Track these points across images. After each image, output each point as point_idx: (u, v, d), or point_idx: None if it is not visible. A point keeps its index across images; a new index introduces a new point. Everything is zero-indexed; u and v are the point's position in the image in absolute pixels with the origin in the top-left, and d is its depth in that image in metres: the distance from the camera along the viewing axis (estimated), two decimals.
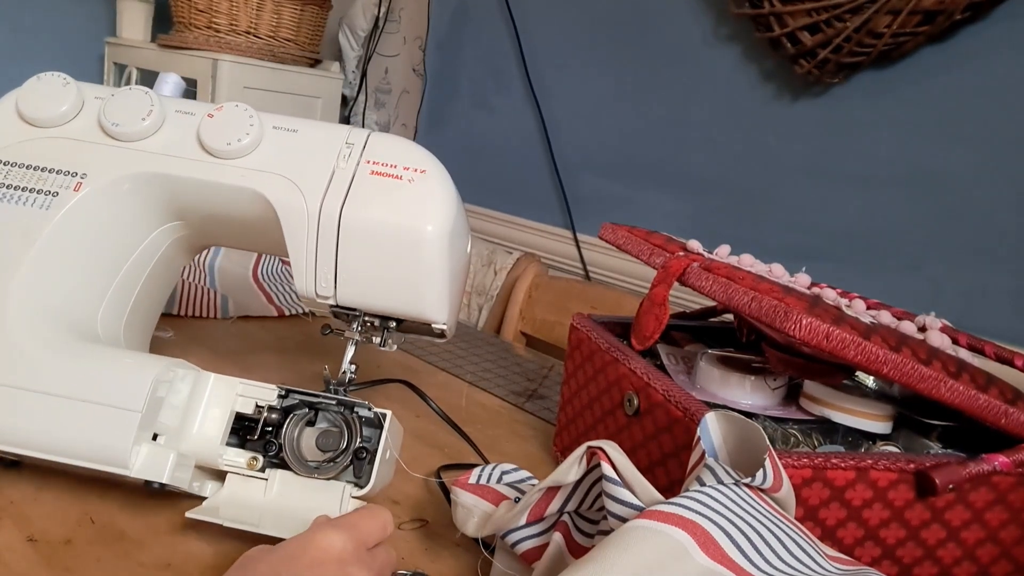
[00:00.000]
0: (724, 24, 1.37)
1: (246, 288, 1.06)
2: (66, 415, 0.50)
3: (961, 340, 0.62)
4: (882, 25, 1.11)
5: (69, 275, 0.58)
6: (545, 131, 1.67)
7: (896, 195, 1.19)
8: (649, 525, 0.37)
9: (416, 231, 0.58)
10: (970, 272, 1.12)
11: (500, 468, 0.54)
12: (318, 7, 1.64)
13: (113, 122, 0.60)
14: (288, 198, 0.59)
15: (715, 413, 0.45)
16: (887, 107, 1.19)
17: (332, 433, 0.55)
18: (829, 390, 0.58)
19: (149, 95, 0.61)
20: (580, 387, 0.69)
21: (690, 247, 0.67)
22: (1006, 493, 0.50)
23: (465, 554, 0.56)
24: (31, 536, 0.50)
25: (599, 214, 1.57)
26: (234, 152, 0.60)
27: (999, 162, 1.09)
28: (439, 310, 0.61)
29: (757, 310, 0.52)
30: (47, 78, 0.61)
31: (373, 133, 0.63)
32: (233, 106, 0.61)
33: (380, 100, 1.92)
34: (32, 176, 0.59)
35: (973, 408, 0.50)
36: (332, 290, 0.60)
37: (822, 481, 0.47)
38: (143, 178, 0.60)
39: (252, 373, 0.83)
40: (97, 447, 0.50)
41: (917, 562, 0.50)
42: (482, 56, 1.81)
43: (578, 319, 0.72)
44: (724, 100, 1.39)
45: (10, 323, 0.53)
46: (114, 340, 0.61)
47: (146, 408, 0.50)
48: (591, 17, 1.58)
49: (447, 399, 0.82)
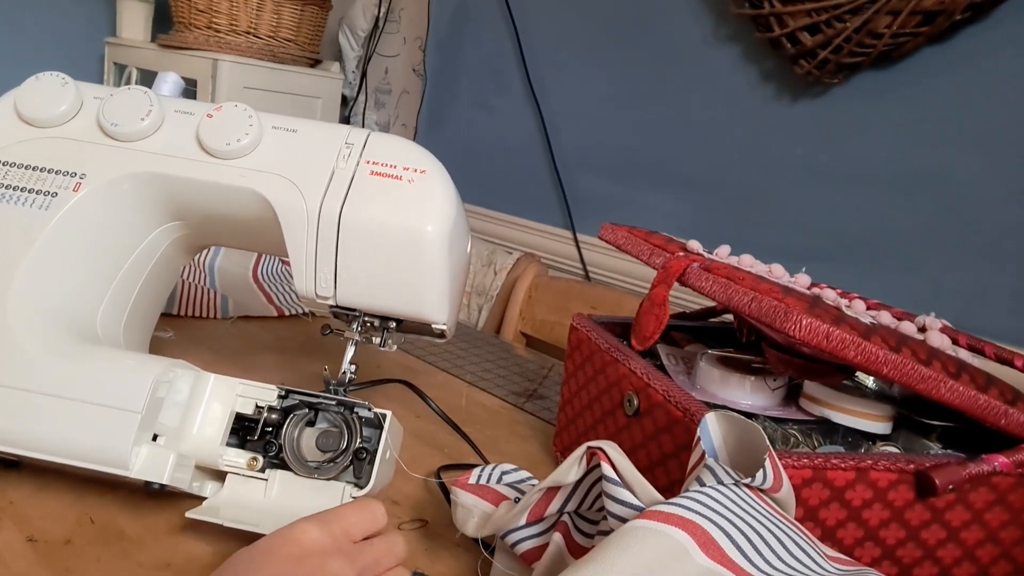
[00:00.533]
0: (724, 24, 1.37)
1: (246, 288, 1.06)
2: (66, 416, 0.50)
3: (961, 340, 0.62)
4: (882, 25, 1.11)
5: (68, 275, 0.58)
6: (545, 131, 1.67)
7: (896, 195, 1.19)
8: (649, 525, 0.37)
9: (416, 231, 0.58)
10: (970, 272, 1.12)
11: (500, 468, 0.54)
12: (318, 7, 1.64)
13: (112, 122, 0.60)
14: (288, 198, 0.59)
15: (715, 413, 0.45)
16: (887, 107, 1.19)
17: (332, 433, 0.55)
18: (829, 390, 0.58)
19: (148, 95, 0.61)
20: (580, 387, 0.69)
21: (690, 247, 0.68)
22: (1006, 493, 0.50)
23: (465, 554, 0.56)
24: (31, 536, 0.50)
25: (599, 214, 1.57)
26: (233, 152, 0.60)
27: (999, 162, 1.09)
28: (439, 310, 0.61)
29: (757, 310, 0.52)
30: (46, 78, 0.61)
31: (373, 133, 0.63)
32: (232, 106, 0.61)
33: (380, 100, 1.92)
34: (31, 176, 0.58)
35: (973, 408, 0.50)
36: (332, 290, 0.60)
37: (822, 481, 0.47)
38: (142, 178, 0.60)
39: (252, 373, 0.83)
40: (97, 448, 0.50)
41: (917, 562, 0.50)
42: (482, 56, 1.81)
43: (578, 319, 0.72)
44: (724, 100, 1.39)
45: (10, 324, 0.53)
46: (114, 340, 0.61)
47: (146, 409, 0.50)
48: (591, 17, 1.58)
49: (447, 399, 0.82)
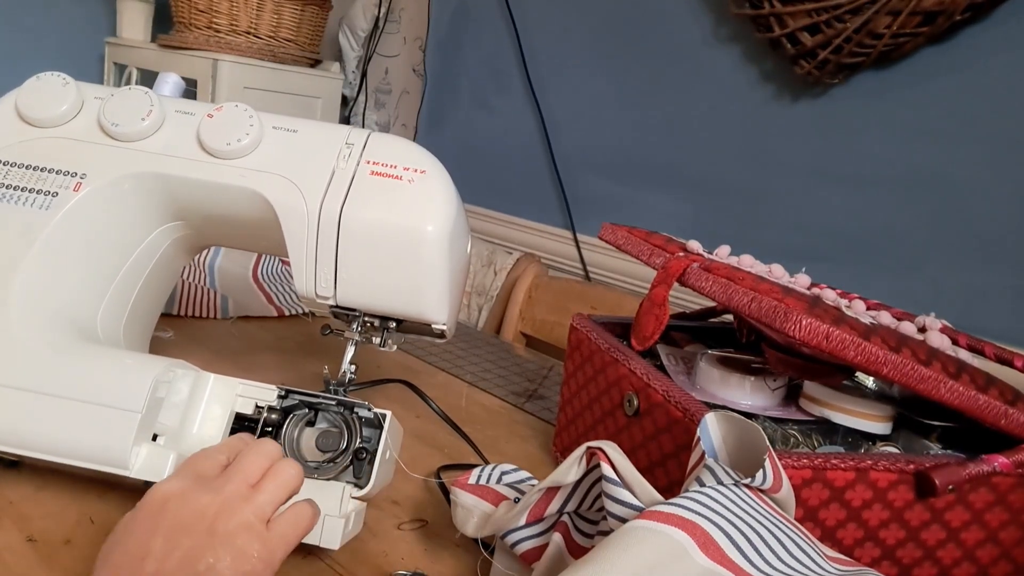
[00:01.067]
0: (724, 24, 1.37)
1: (246, 288, 1.06)
2: (66, 416, 0.50)
3: (961, 341, 0.62)
4: (882, 26, 1.11)
5: (69, 275, 0.58)
6: (545, 131, 1.66)
7: (896, 195, 1.19)
8: (649, 525, 0.37)
9: (416, 232, 0.58)
10: (970, 272, 1.12)
11: (500, 468, 0.54)
12: (318, 7, 1.64)
13: (113, 122, 0.60)
14: (288, 198, 0.59)
15: (715, 414, 0.45)
16: (887, 108, 1.19)
17: (332, 433, 0.55)
18: (829, 391, 0.58)
19: (149, 95, 0.61)
20: (580, 387, 0.69)
21: (690, 247, 0.68)
22: (1006, 494, 0.50)
23: (465, 554, 0.56)
24: (31, 536, 0.50)
25: (599, 214, 1.57)
26: (234, 152, 0.60)
27: (999, 162, 1.09)
28: (439, 311, 0.61)
29: (757, 310, 0.52)
30: (47, 78, 0.61)
31: (373, 133, 0.63)
32: (233, 106, 0.61)
33: (380, 100, 1.92)
34: (32, 176, 0.58)
35: (973, 409, 0.50)
36: (332, 291, 0.60)
37: (822, 482, 0.47)
38: (143, 178, 0.60)
39: (252, 373, 0.83)
40: (97, 448, 0.50)
41: (917, 563, 0.50)
42: (482, 56, 1.81)
43: (578, 319, 0.72)
44: (724, 101, 1.39)
45: (10, 323, 0.53)
46: (114, 340, 0.61)
47: (146, 409, 0.50)
48: (591, 17, 1.58)
49: (447, 399, 0.82)
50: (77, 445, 0.50)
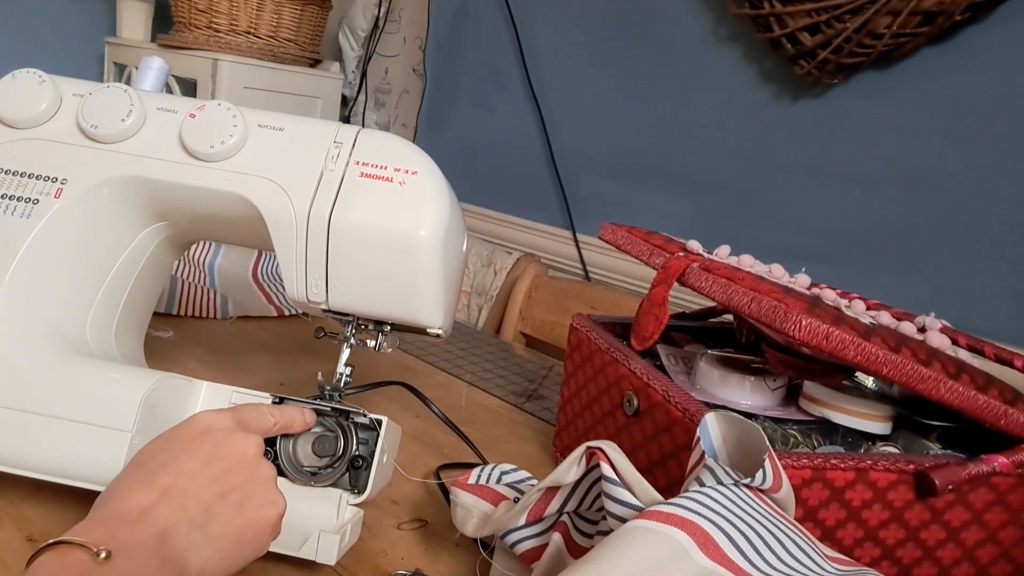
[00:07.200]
0: (724, 24, 1.37)
1: (246, 288, 1.06)
2: (56, 435, 0.50)
3: (961, 341, 0.62)
4: (882, 26, 1.11)
5: (54, 285, 0.56)
6: (545, 131, 1.66)
7: (896, 195, 1.19)
8: (648, 525, 0.37)
9: (408, 236, 0.56)
10: (970, 272, 1.12)
11: (499, 468, 0.54)
12: (318, 7, 1.64)
13: (92, 124, 0.57)
14: (275, 202, 0.57)
15: (715, 414, 0.45)
16: (887, 108, 1.19)
17: (328, 438, 0.54)
18: (829, 391, 0.58)
19: (128, 93, 0.58)
20: (580, 388, 0.69)
21: (690, 247, 0.67)
22: (1006, 494, 0.50)
23: (464, 554, 0.56)
24: (31, 536, 0.50)
25: (599, 214, 1.57)
26: (218, 155, 0.57)
27: (999, 163, 1.09)
28: (434, 315, 0.60)
29: (757, 311, 0.52)
30: (22, 76, 0.58)
31: (363, 131, 0.60)
32: (215, 105, 0.58)
33: (380, 100, 1.92)
34: (12, 182, 0.56)
35: (972, 409, 0.50)
36: (323, 295, 0.58)
37: (822, 482, 0.47)
38: (125, 182, 0.58)
39: (251, 373, 0.83)
40: (87, 467, 0.50)
41: (916, 563, 0.50)
42: (482, 56, 1.81)
43: (578, 319, 0.72)
44: (724, 100, 1.39)
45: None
46: (105, 347, 0.60)
47: (136, 428, 0.50)
48: (591, 17, 1.58)
49: (447, 400, 0.82)
50: (67, 464, 0.50)
